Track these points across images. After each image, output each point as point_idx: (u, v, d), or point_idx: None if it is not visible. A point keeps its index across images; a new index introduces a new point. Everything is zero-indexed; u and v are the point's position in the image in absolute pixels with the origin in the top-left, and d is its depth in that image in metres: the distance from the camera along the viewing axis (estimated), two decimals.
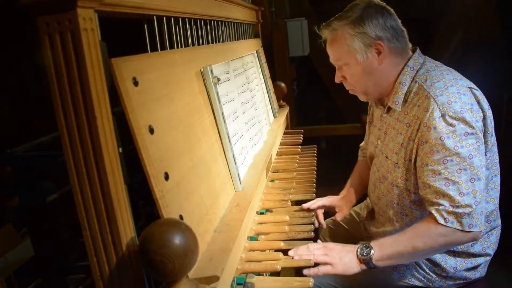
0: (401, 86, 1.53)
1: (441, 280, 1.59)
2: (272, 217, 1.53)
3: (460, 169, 1.36)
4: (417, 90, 1.49)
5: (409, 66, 1.54)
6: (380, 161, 1.67)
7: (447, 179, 1.37)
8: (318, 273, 1.40)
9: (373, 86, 1.59)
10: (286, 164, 2.02)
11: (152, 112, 0.99)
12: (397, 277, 1.62)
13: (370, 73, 1.55)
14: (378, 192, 1.72)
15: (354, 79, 1.59)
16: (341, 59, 1.58)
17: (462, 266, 1.56)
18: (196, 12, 1.47)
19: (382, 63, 1.53)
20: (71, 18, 0.76)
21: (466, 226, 1.36)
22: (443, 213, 1.37)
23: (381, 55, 1.51)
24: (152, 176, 0.92)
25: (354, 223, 2.06)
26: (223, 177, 1.35)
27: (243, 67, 1.95)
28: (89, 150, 0.80)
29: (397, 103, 1.55)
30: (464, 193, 1.36)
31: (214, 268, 0.97)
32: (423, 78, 1.50)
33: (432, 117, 1.38)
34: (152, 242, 0.77)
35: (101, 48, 0.83)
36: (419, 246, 1.39)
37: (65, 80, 0.78)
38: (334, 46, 1.59)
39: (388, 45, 1.51)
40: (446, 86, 1.42)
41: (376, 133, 1.74)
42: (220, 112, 1.40)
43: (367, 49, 1.51)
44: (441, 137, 1.37)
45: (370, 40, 1.50)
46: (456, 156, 1.36)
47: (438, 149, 1.38)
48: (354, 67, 1.56)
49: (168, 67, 1.16)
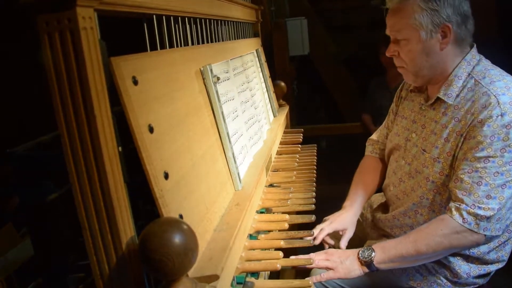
0: (456, 79, 1.47)
1: (451, 285, 1.56)
2: (272, 216, 1.53)
3: (497, 172, 1.35)
4: (472, 86, 1.44)
5: (466, 60, 1.48)
6: (414, 155, 1.60)
7: (481, 178, 1.35)
8: (321, 279, 1.41)
9: (428, 69, 1.50)
10: (286, 163, 2.02)
11: (151, 111, 0.99)
12: (405, 280, 1.59)
13: (428, 54, 1.46)
14: (404, 187, 1.65)
15: (410, 57, 1.49)
16: (402, 32, 1.47)
17: (475, 273, 1.54)
18: (196, 11, 1.47)
19: (444, 48, 1.45)
20: (71, 17, 0.75)
21: (482, 228, 1.35)
22: (463, 212, 1.35)
23: (445, 40, 1.44)
24: (152, 175, 0.92)
25: (357, 224, 2.04)
26: (223, 176, 1.35)
27: (242, 66, 1.95)
28: (88, 149, 0.80)
29: (450, 96, 1.48)
30: (492, 197, 1.34)
31: (214, 267, 0.97)
32: (480, 75, 1.45)
33: (491, 114, 1.35)
34: (151, 241, 0.77)
35: (100, 47, 0.82)
36: (422, 249, 1.38)
37: (64, 79, 0.77)
38: (399, 16, 1.47)
39: (455, 30, 1.43)
40: (508, 87, 1.38)
41: (407, 125, 1.67)
42: (219, 111, 1.40)
43: (433, 29, 1.42)
44: (492, 136, 1.34)
45: (440, 20, 1.41)
46: (499, 158, 1.34)
47: (484, 147, 1.35)
48: (414, 43, 1.46)
49: (168, 66, 1.16)
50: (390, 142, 1.79)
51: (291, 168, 1.98)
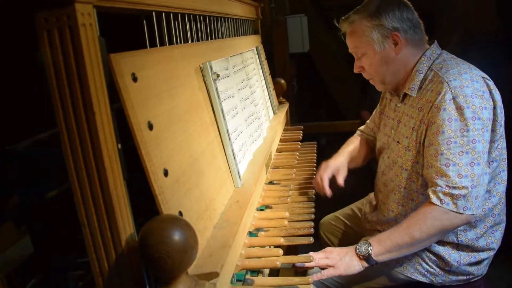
0: (417, 74, 1.60)
1: (444, 274, 1.59)
2: (272, 213, 1.53)
3: (462, 151, 1.41)
4: (432, 77, 1.55)
5: (426, 55, 1.60)
6: (392, 148, 1.73)
7: (448, 160, 1.42)
8: (322, 277, 1.44)
9: (391, 75, 1.65)
10: (286, 161, 2.02)
11: (151, 108, 0.99)
12: (400, 271, 1.62)
13: (387, 62, 1.62)
14: (385, 179, 1.75)
15: (372, 68, 1.66)
16: (360, 49, 1.65)
17: (465, 260, 1.57)
18: (196, 8, 1.47)
19: (399, 53, 1.60)
20: (70, 13, 0.75)
21: (461, 208, 1.40)
22: (439, 194, 1.41)
23: (398, 46, 1.59)
24: (151, 173, 0.92)
25: (356, 218, 2.06)
26: (222, 173, 1.35)
27: (242, 64, 1.95)
28: (88, 146, 0.80)
29: (412, 90, 1.60)
30: (463, 175, 1.40)
31: (214, 265, 0.97)
32: (439, 66, 1.56)
33: (444, 99, 1.44)
34: (151, 238, 0.77)
35: (99, 43, 0.82)
36: (415, 235, 1.43)
37: (63, 76, 0.77)
38: (353, 38, 1.66)
39: (405, 36, 1.58)
40: (460, 73, 1.48)
41: (391, 124, 1.78)
42: (219, 108, 1.40)
43: (384, 40, 1.58)
44: (449, 118, 1.43)
45: (387, 32, 1.57)
46: (460, 138, 1.42)
47: (443, 130, 1.43)
48: (372, 57, 1.63)
49: (168, 63, 1.16)
50: (379, 141, 1.89)
51: (291, 165, 1.98)
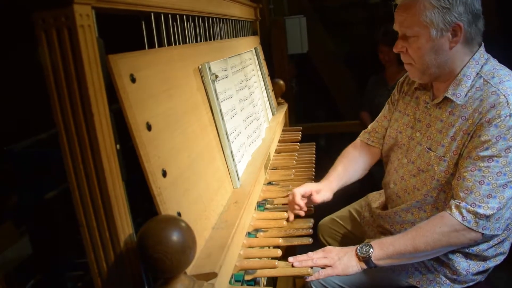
0: (465, 79, 1.45)
1: (450, 283, 1.55)
2: (270, 214, 1.53)
3: (500, 172, 1.34)
4: (481, 86, 1.42)
5: (475, 59, 1.46)
6: (417, 153, 1.58)
7: (484, 177, 1.35)
8: (319, 276, 1.40)
9: (435, 67, 1.47)
10: (285, 161, 2.02)
11: (149, 109, 0.99)
12: (404, 278, 1.59)
13: (437, 53, 1.44)
14: (406, 185, 1.63)
15: (419, 54, 1.46)
16: (412, 28, 1.43)
17: (474, 269, 1.53)
18: (194, 9, 1.47)
19: (453, 47, 1.43)
20: (68, 14, 0.75)
21: (481, 227, 1.35)
22: (462, 210, 1.35)
23: (456, 38, 1.41)
24: (150, 173, 0.92)
25: (354, 222, 2.03)
26: (221, 174, 1.35)
27: (241, 64, 1.95)
28: (86, 147, 0.80)
29: (459, 96, 1.45)
30: (493, 196, 1.34)
31: (212, 265, 0.97)
32: (489, 74, 1.43)
33: (499, 114, 1.33)
34: (149, 238, 0.77)
35: (98, 44, 0.82)
36: (420, 247, 1.38)
37: (62, 76, 0.77)
38: (410, 13, 1.43)
39: (466, 29, 1.40)
40: None
41: (410, 122, 1.65)
42: (218, 109, 1.40)
43: (444, 27, 1.39)
44: (498, 136, 1.33)
45: (451, 18, 1.38)
46: (503, 158, 1.34)
47: (488, 146, 1.34)
48: (423, 41, 1.43)
49: (166, 64, 1.16)
50: (390, 138, 1.77)
51: (290, 166, 1.98)
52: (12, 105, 1.20)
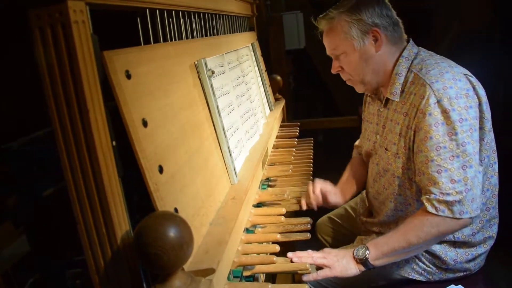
0: (398, 77, 1.54)
1: (441, 272, 1.59)
2: (268, 210, 1.53)
3: (452, 156, 1.38)
4: (413, 80, 1.50)
5: (404, 56, 1.55)
6: (380, 155, 1.67)
7: (439, 166, 1.39)
8: (318, 277, 1.42)
9: (371, 74, 1.58)
10: (283, 157, 2.02)
11: (145, 105, 0.98)
12: (397, 271, 1.62)
13: (367, 60, 1.55)
14: (377, 187, 1.71)
15: (352, 67, 1.59)
16: (338, 47, 1.58)
17: (462, 258, 1.57)
18: (190, 5, 1.46)
19: (379, 50, 1.54)
20: (62, 10, 0.75)
21: (457, 213, 1.38)
22: (434, 202, 1.39)
23: (378, 42, 1.53)
24: (146, 169, 0.92)
25: (350, 219, 2.06)
26: (218, 170, 1.35)
27: (238, 60, 1.94)
28: (82, 143, 0.80)
29: (395, 94, 1.55)
30: (456, 180, 1.37)
31: (210, 261, 0.97)
32: (418, 67, 1.51)
33: (428, 103, 1.40)
34: (146, 235, 0.77)
35: (93, 40, 0.82)
36: (412, 240, 1.41)
37: (56, 73, 0.77)
38: (331, 35, 1.59)
39: (384, 32, 1.52)
40: (441, 73, 1.43)
41: (374, 129, 1.73)
42: (215, 105, 1.39)
43: (364, 36, 1.52)
44: (436, 123, 1.39)
45: (367, 27, 1.51)
46: (449, 142, 1.38)
47: (431, 135, 1.39)
48: (351, 54, 1.56)
49: (162, 60, 1.16)
50: (363, 148, 1.86)
51: (288, 161, 1.98)
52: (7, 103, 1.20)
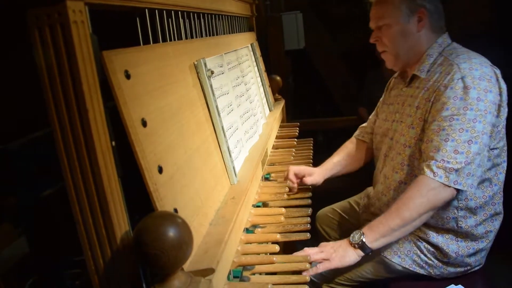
0: (428, 57, 1.66)
1: (442, 266, 1.60)
2: (268, 210, 1.53)
3: (462, 128, 1.45)
4: (442, 62, 1.61)
5: (438, 42, 1.67)
6: (395, 129, 1.75)
7: (448, 135, 1.46)
8: (317, 271, 1.44)
9: (405, 50, 1.68)
10: (282, 157, 2.02)
11: (145, 105, 0.98)
12: (398, 262, 1.63)
13: (406, 36, 1.66)
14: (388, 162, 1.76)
15: (391, 39, 1.69)
16: (384, 18, 1.67)
17: (464, 251, 1.59)
18: (189, 5, 1.46)
19: (420, 31, 1.65)
20: (61, 10, 0.75)
21: (452, 181, 1.43)
22: (433, 167, 1.45)
23: (421, 23, 1.64)
24: (146, 169, 0.92)
25: (353, 212, 2.07)
26: (218, 170, 1.35)
27: (237, 60, 1.94)
28: (81, 143, 0.80)
29: (422, 71, 1.65)
30: (459, 151, 1.44)
31: (210, 261, 0.97)
32: (449, 52, 1.63)
33: (452, 78, 1.50)
34: (146, 235, 0.77)
35: (92, 41, 0.82)
36: (405, 215, 1.45)
37: (56, 73, 0.77)
38: (381, 5, 1.69)
39: (429, 17, 1.64)
40: (470, 58, 1.55)
41: (394, 108, 1.80)
42: (214, 105, 1.39)
43: (411, 14, 1.63)
44: (455, 96, 1.48)
45: (416, 7, 1.62)
46: (462, 116, 1.46)
47: (448, 107, 1.48)
48: (394, 27, 1.66)
49: (161, 60, 1.16)
50: (379, 128, 1.90)
51: (287, 162, 1.98)
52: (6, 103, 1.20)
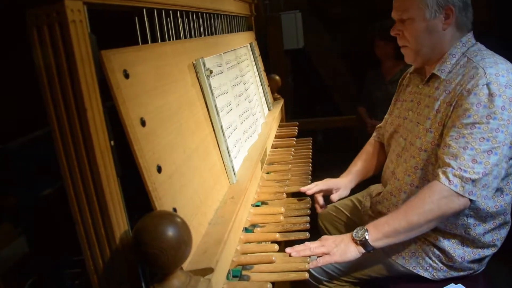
0: (450, 57, 1.56)
1: (446, 270, 1.58)
2: (267, 209, 1.53)
3: (483, 137, 1.39)
4: (465, 63, 1.52)
5: (462, 41, 1.57)
6: (409, 130, 1.68)
7: (467, 143, 1.39)
8: (318, 264, 1.41)
9: (428, 47, 1.58)
10: (281, 157, 2.02)
11: (143, 105, 0.98)
12: (402, 264, 1.61)
13: (431, 33, 1.56)
14: (399, 161, 1.71)
15: (414, 34, 1.58)
16: (409, 11, 1.56)
17: (469, 257, 1.56)
18: (188, 5, 1.46)
19: (446, 28, 1.55)
20: (59, 10, 0.75)
21: (467, 192, 1.38)
22: (449, 175, 1.39)
23: (448, 20, 1.53)
24: (145, 169, 0.91)
25: (355, 210, 2.06)
26: (217, 169, 1.35)
27: (236, 60, 1.94)
28: (80, 143, 0.79)
29: (443, 71, 1.57)
30: (477, 161, 1.38)
31: (209, 260, 0.97)
32: (473, 53, 1.53)
33: (477, 83, 1.41)
34: (145, 234, 0.77)
35: (90, 40, 0.82)
36: (413, 219, 1.40)
37: (54, 72, 0.77)
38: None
39: (457, 13, 1.53)
40: (496, 63, 1.46)
41: (407, 106, 1.74)
42: (213, 104, 1.39)
43: (438, 9, 1.52)
44: (478, 103, 1.40)
45: (444, 2, 1.51)
46: (485, 125, 1.39)
47: (470, 114, 1.41)
48: (418, 22, 1.55)
49: (160, 59, 1.16)
50: (391, 126, 1.85)
51: (287, 161, 1.98)
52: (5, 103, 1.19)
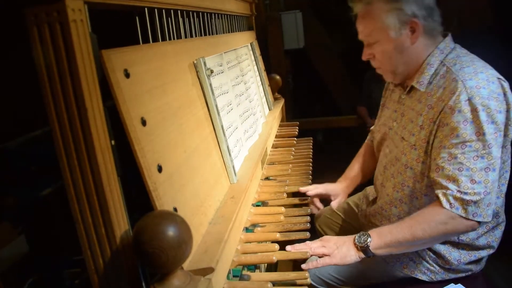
0: (428, 67, 1.50)
1: (444, 272, 1.58)
2: (268, 209, 1.53)
3: (477, 156, 1.34)
4: (444, 73, 1.45)
5: (439, 48, 1.50)
6: (395, 143, 1.63)
7: (461, 164, 1.34)
8: (317, 265, 1.40)
9: (403, 65, 1.53)
10: (282, 156, 2.01)
11: (144, 104, 0.98)
12: (399, 269, 1.60)
13: (401, 51, 1.50)
14: (387, 174, 1.67)
15: (384, 57, 1.54)
16: (373, 35, 1.52)
17: (465, 259, 1.55)
18: (189, 4, 1.46)
19: (415, 42, 1.48)
20: (60, 9, 0.75)
21: (470, 214, 1.34)
22: (449, 198, 1.35)
23: (415, 34, 1.46)
24: (145, 168, 0.91)
25: (352, 213, 2.06)
26: (217, 169, 1.34)
27: (237, 60, 1.94)
28: (80, 142, 0.79)
29: (421, 84, 1.50)
30: (476, 181, 1.34)
31: (209, 260, 0.97)
32: (452, 62, 1.46)
33: (459, 99, 1.35)
34: (145, 234, 0.77)
35: (91, 39, 0.82)
36: (418, 234, 1.37)
37: (55, 72, 0.77)
38: (366, 21, 1.52)
39: (423, 23, 1.45)
40: (476, 72, 1.39)
41: (391, 115, 1.70)
42: (213, 104, 1.39)
43: (401, 26, 1.45)
44: (464, 121, 1.34)
45: (406, 17, 1.44)
46: (475, 142, 1.34)
47: (458, 133, 1.35)
48: (385, 44, 1.50)
49: (160, 59, 1.15)
50: (378, 133, 1.82)
51: (287, 161, 1.97)
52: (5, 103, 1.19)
